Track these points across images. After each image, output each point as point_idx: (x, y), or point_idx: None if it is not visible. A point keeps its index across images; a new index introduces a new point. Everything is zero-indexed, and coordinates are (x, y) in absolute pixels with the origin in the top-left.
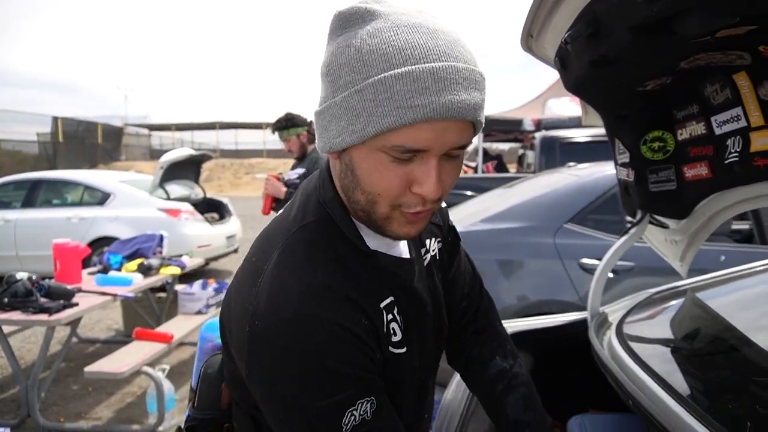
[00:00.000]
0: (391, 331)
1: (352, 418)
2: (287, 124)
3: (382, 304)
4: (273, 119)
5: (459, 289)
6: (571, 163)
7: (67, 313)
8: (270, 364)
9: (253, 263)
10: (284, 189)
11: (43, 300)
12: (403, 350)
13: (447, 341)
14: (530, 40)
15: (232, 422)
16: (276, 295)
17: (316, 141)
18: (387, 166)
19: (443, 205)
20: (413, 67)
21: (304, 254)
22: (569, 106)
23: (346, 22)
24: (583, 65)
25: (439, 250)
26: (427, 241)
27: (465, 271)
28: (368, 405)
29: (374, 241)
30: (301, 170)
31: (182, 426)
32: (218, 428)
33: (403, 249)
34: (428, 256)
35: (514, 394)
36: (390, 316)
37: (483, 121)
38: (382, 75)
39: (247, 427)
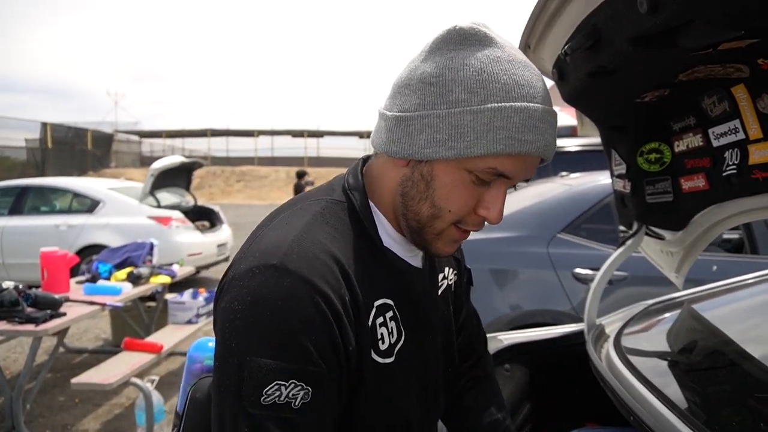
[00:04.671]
0: (378, 335)
1: (277, 393)
2: None
3: (377, 302)
4: (265, 127)
5: (466, 331)
6: (564, 173)
7: (54, 323)
8: (232, 305)
9: (258, 227)
10: None
11: (29, 310)
12: (389, 360)
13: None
14: (527, 51)
15: None
16: (269, 244)
17: (385, 143)
18: (467, 186)
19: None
20: (529, 104)
21: (312, 219)
22: (561, 116)
23: (464, 40)
24: (581, 77)
25: (454, 282)
26: (446, 269)
27: (473, 314)
28: (301, 392)
29: (391, 242)
30: None
31: None
32: None
33: (417, 261)
34: (444, 282)
35: None
36: (381, 319)
37: None
38: (502, 104)
39: None
